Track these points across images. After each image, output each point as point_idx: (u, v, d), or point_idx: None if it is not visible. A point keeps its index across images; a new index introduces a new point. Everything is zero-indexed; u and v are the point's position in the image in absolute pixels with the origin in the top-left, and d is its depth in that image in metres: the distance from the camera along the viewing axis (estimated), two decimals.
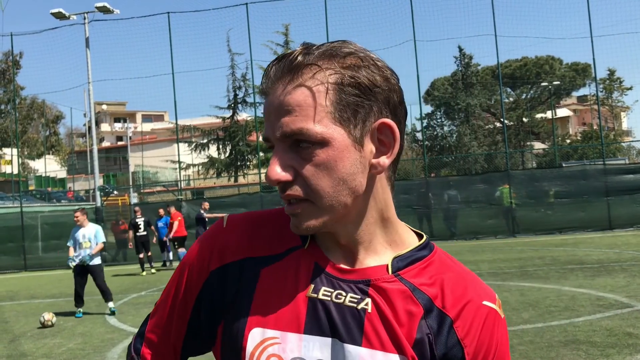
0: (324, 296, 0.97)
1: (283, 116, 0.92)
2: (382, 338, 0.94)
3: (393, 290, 0.97)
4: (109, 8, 22.10)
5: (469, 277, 1.03)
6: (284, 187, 0.94)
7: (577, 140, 47.93)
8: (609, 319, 6.89)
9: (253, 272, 1.01)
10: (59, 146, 53.04)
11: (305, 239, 1.02)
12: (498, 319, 1.01)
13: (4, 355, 7.43)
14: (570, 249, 14.84)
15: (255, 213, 1.10)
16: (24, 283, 16.65)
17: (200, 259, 1.05)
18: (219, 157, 38.68)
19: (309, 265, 1.00)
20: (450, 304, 0.98)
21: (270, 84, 0.95)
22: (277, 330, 0.96)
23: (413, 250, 1.02)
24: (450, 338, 0.97)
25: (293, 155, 0.93)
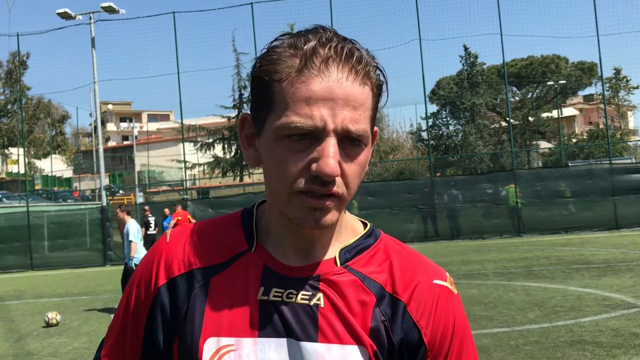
0: (275, 297, 0.97)
1: (348, 111, 0.89)
2: (337, 331, 0.94)
3: (343, 282, 0.97)
4: (114, 8, 22.15)
5: (416, 259, 1.02)
6: (328, 182, 0.90)
7: (584, 140, 47.77)
8: (615, 319, 6.86)
9: (202, 282, 1.00)
10: (65, 146, 53.22)
11: (252, 243, 1.02)
12: (451, 295, 1.01)
13: (11, 354, 7.47)
14: (576, 249, 14.78)
15: (196, 224, 1.08)
16: (30, 282, 16.72)
17: (147, 276, 1.03)
18: (224, 157, 38.73)
19: (257, 268, 0.99)
20: (401, 288, 0.98)
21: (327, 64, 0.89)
22: (232, 337, 0.96)
23: (359, 240, 1.02)
24: (406, 322, 0.97)
25: (340, 150, 0.90)
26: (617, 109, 50.16)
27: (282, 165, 0.91)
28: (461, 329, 1.01)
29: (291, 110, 0.89)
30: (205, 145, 38.96)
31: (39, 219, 22.31)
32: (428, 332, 0.97)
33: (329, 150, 0.88)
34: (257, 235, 1.03)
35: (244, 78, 38.43)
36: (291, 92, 0.89)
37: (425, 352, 0.97)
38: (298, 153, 0.89)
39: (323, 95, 0.88)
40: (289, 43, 0.92)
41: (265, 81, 0.92)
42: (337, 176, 0.89)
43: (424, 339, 0.97)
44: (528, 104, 46.74)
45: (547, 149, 43.39)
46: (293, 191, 0.90)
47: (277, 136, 0.91)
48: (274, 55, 0.92)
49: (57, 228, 22.07)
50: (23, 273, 20.22)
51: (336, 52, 0.89)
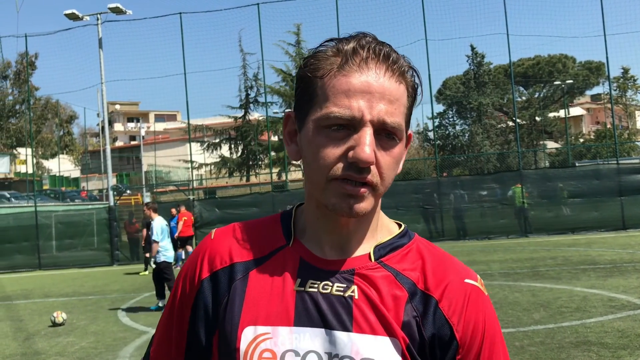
0: (311, 288, 1.01)
1: (385, 104, 0.95)
2: (371, 322, 0.98)
3: (377, 276, 1.02)
4: (121, 9, 22.24)
5: (448, 259, 1.07)
6: (364, 169, 0.95)
7: (591, 140, 47.55)
8: (620, 320, 6.85)
9: (242, 275, 1.06)
10: (72, 146, 53.45)
11: (289, 238, 1.07)
12: (482, 295, 1.05)
13: (19, 353, 7.53)
14: (582, 249, 14.74)
15: (239, 223, 1.14)
16: (38, 282, 16.82)
17: (192, 272, 1.10)
18: (231, 157, 38.80)
19: (294, 261, 1.05)
20: (433, 286, 1.02)
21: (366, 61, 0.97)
22: (268, 326, 1.00)
23: (393, 239, 1.07)
24: (438, 318, 1.00)
25: (375, 142, 0.96)
26: (625, 109, 49.92)
27: (320, 153, 0.97)
28: (492, 328, 1.04)
29: (331, 102, 0.96)
30: (212, 145, 39.03)
31: (46, 219, 22.42)
32: (460, 328, 1.01)
33: (365, 139, 0.94)
34: (295, 231, 1.09)
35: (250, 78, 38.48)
36: (331, 85, 0.97)
37: (457, 347, 1.01)
38: (337, 141, 0.96)
39: (361, 89, 0.95)
40: (332, 46, 1.01)
41: (309, 79, 1.00)
42: (372, 164, 0.95)
43: (455, 335, 1.00)
44: (535, 103, 46.58)
45: (554, 149, 43.22)
46: (330, 178, 0.96)
47: (317, 127, 0.98)
48: (319, 56, 1.00)
49: (64, 228, 22.17)
50: (31, 272, 20.33)
51: (374, 53, 0.97)
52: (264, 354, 0.99)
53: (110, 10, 22.35)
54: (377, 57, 0.97)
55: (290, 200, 21.05)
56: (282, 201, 20.77)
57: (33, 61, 42.33)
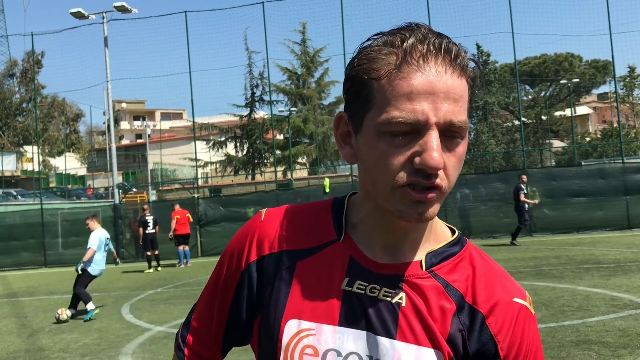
0: (359, 289, 0.99)
1: (450, 103, 0.90)
2: (416, 332, 0.96)
3: (427, 286, 0.99)
4: (127, 7, 22.32)
5: (499, 274, 1.04)
6: (432, 175, 0.91)
7: (597, 139, 47.37)
8: (622, 319, 6.83)
9: (289, 264, 1.04)
10: (79, 144, 53.69)
11: (341, 233, 1.04)
12: (529, 315, 1.02)
13: (23, 349, 7.59)
14: (587, 248, 14.70)
15: (292, 207, 1.11)
16: (44, 279, 16.92)
17: (239, 250, 1.08)
18: (236, 155, 38.91)
19: (344, 258, 1.02)
20: (481, 301, 1.00)
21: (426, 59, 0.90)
22: (313, 322, 0.98)
23: (446, 246, 1.04)
24: (483, 334, 0.98)
25: (441, 144, 0.91)
26: (632, 108, 49.70)
27: (384, 160, 0.91)
28: (535, 348, 1.03)
29: (392, 105, 0.90)
30: (218, 144, 39.13)
31: (52, 217, 22.53)
32: (505, 346, 0.99)
33: (432, 143, 0.88)
34: (346, 226, 1.05)
35: (255, 77, 38.53)
36: (391, 88, 0.90)
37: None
38: (400, 147, 0.90)
39: (424, 90, 0.89)
40: (383, 41, 0.94)
41: (363, 79, 0.93)
42: (441, 169, 0.90)
43: (500, 353, 0.98)
44: (541, 102, 46.45)
45: (560, 148, 43.10)
46: (396, 185, 0.91)
47: (378, 132, 0.92)
48: (371, 54, 0.93)
49: (70, 225, 22.27)
50: (37, 270, 20.46)
51: (434, 47, 0.90)
52: (306, 349, 0.98)
53: (115, 8, 22.44)
54: (437, 52, 0.90)
55: (294, 199, 21.09)
56: (286, 200, 20.81)
57: (39, 60, 42.55)
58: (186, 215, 17.70)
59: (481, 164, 38.57)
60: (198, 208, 20.55)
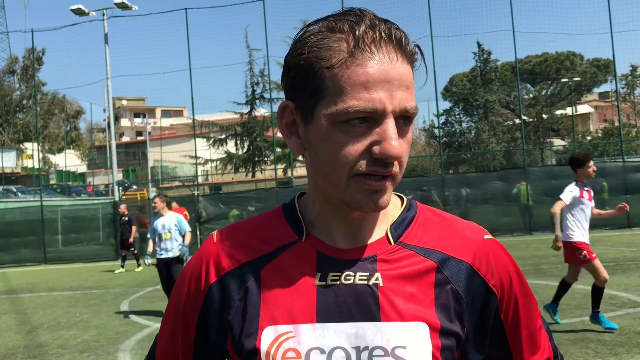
0: (333, 281, 0.97)
1: (403, 90, 0.90)
2: (399, 309, 0.95)
3: (400, 258, 0.98)
4: (127, 4, 22.30)
5: (457, 220, 1.07)
6: (390, 164, 0.91)
7: (598, 137, 47.34)
8: (620, 318, 6.84)
9: (253, 275, 1.01)
10: (79, 141, 53.71)
11: (301, 232, 1.02)
12: (500, 245, 1.06)
13: (22, 345, 7.59)
14: None
15: (240, 222, 1.10)
16: (44, 276, 16.93)
17: (197, 275, 1.05)
18: (236, 153, 38.87)
19: (310, 255, 1.00)
20: (459, 251, 1.00)
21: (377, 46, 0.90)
22: (290, 324, 0.96)
23: (402, 214, 1.04)
24: (473, 281, 0.99)
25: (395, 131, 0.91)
26: (633, 107, 49.64)
27: (341, 150, 0.90)
28: (516, 270, 1.05)
29: (349, 95, 0.88)
30: (218, 141, 39.11)
31: (52, 214, 22.55)
32: (497, 283, 1.01)
33: (390, 132, 0.88)
34: (305, 224, 1.03)
35: (256, 74, 38.49)
36: (346, 76, 0.89)
37: (496, 301, 1.01)
38: (358, 137, 0.90)
39: (380, 78, 0.88)
40: (328, 27, 0.92)
41: (312, 68, 0.91)
42: (401, 157, 0.91)
43: (493, 289, 1.00)
44: (542, 101, 46.41)
45: (560, 146, 43.07)
46: (352, 174, 0.91)
47: (334, 122, 0.91)
48: (320, 42, 0.91)
49: (70, 222, 22.30)
50: (37, 267, 20.47)
51: (385, 34, 0.90)
52: (288, 353, 0.94)
53: (116, 5, 22.43)
54: (388, 39, 0.90)
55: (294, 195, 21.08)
56: (286, 197, 20.80)
57: (40, 56, 42.54)
58: (184, 213, 17.65)
59: (482, 163, 38.56)
60: (198, 205, 20.54)
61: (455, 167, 37.63)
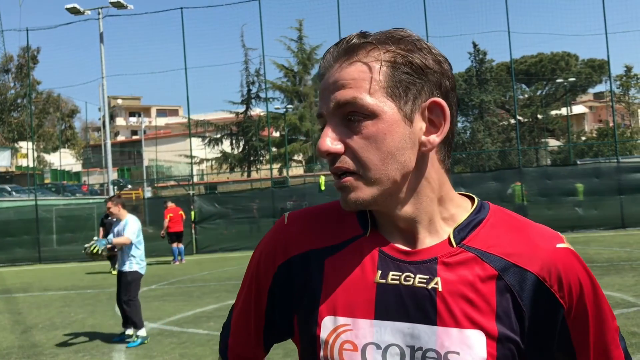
0: (393, 280, 0.98)
1: (337, 90, 0.95)
2: (456, 315, 0.95)
3: (461, 261, 0.98)
4: (122, 3, 22.27)
5: (531, 226, 1.02)
6: (333, 160, 0.96)
7: (593, 138, 47.49)
8: None
9: (317, 263, 1.04)
10: (74, 140, 53.53)
11: (366, 227, 1.04)
12: (575, 256, 1.00)
13: (16, 345, 7.57)
14: (580, 247, 14.74)
15: (313, 207, 1.13)
16: (38, 275, 16.89)
17: (267, 255, 1.10)
18: (232, 152, 38.85)
19: (373, 251, 1.02)
20: (526, 259, 0.98)
21: (327, 66, 0.99)
22: (349, 318, 0.99)
23: (470, 216, 1.02)
24: (538, 292, 0.97)
25: (343, 129, 0.95)
26: (628, 107, 49.80)
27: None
28: (590, 281, 1.01)
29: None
30: (214, 141, 39.05)
31: (47, 213, 22.49)
32: (565, 295, 0.97)
33: (324, 131, 0.97)
34: (371, 220, 1.05)
35: (252, 74, 38.45)
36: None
37: (563, 311, 0.98)
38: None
39: (321, 88, 0.99)
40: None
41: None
42: (326, 151, 0.95)
43: (560, 302, 0.97)
44: (537, 101, 46.52)
45: (555, 146, 43.19)
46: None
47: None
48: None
49: (65, 222, 22.24)
50: (31, 266, 20.40)
51: (337, 45, 0.99)
52: (345, 345, 0.98)
53: (111, 4, 22.41)
54: (338, 52, 0.98)
55: (289, 195, 21.08)
56: (281, 197, 20.81)
57: (35, 55, 42.40)
58: (179, 213, 17.61)
59: (477, 163, 38.64)
60: (193, 205, 20.52)
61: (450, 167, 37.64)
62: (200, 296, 10.64)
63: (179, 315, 8.94)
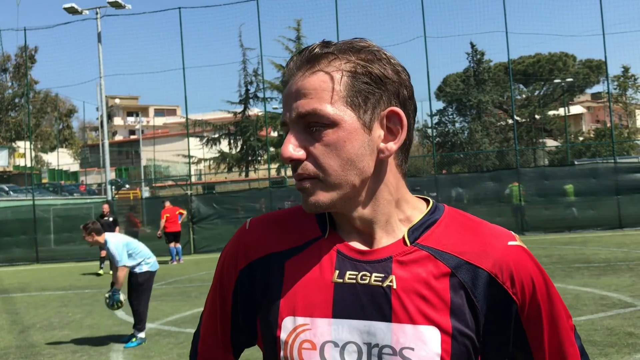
0: (350, 279, 1.02)
1: (299, 99, 0.98)
2: (410, 312, 0.98)
3: (415, 260, 1.01)
4: (120, 3, 22.24)
5: (483, 224, 1.06)
6: (296, 166, 0.99)
7: (591, 138, 47.56)
8: (610, 318, 6.89)
9: (278, 265, 1.08)
10: (71, 140, 53.37)
11: (325, 229, 1.08)
12: (527, 253, 1.04)
13: (13, 345, 7.57)
14: (578, 248, 14.78)
15: (273, 212, 1.17)
16: (36, 275, 16.86)
17: (229, 260, 1.13)
18: (230, 152, 38.80)
19: (331, 252, 1.05)
20: (478, 256, 1.01)
21: (290, 74, 1.02)
22: (307, 317, 1.02)
23: (425, 217, 1.06)
24: (491, 288, 1.00)
25: (306, 136, 0.99)
26: (625, 108, 49.88)
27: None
28: (543, 278, 1.04)
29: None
30: (211, 141, 39.01)
31: (45, 212, 22.45)
32: (517, 290, 1.00)
33: (287, 138, 1.00)
34: (330, 222, 1.09)
35: (250, 73, 38.43)
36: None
37: (517, 308, 1.01)
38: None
39: (285, 97, 1.02)
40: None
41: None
42: (289, 157, 0.99)
43: (513, 297, 1.00)
44: (535, 101, 46.57)
45: (553, 147, 43.23)
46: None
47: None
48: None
49: (62, 221, 22.20)
50: (29, 266, 20.37)
51: (299, 54, 1.02)
52: (304, 344, 1.00)
53: (109, 4, 22.36)
54: (301, 61, 1.01)
55: (287, 196, 21.08)
56: (279, 197, 20.81)
57: (33, 55, 42.32)
58: (176, 213, 17.56)
59: (474, 163, 38.67)
60: (191, 205, 20.51)
61: (448, 167, 37.74)
62: (198, 296, 10.64)
63: (177, 315, 8.95)
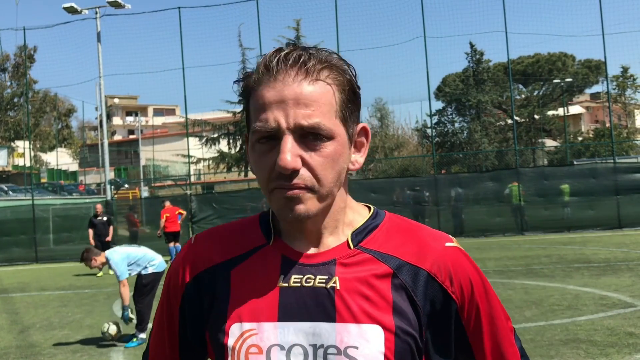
0: (295, 283, 1.04)
1: (300, 109, 0.97)
2: (353, 311, 1.00)
3: (357, 262, 1.04)
4: (120, 3, 22.23)
5: (422, 228, 1.11)
6: (292, 175, 0.98)
7: (590, 138, 47.57)
8: (611, 318, 6.90)
9: (223, 275, 1.09)
10: (71, 139, 53.33)
11: (269, 236, 1.10)
12: (463, 253, 1.09)
13: (13, 345, 7.57)
14: (577, 248, 14.79)
15: (219, 226, 1.18)
16: (35, 275, 16.86)
17: (175, 275, 1.14)
18: (229, 152, 38.76)
19: (276, 258, 1.07)
20: (418, 257, 1.05)
21: (276, 72, 0.99)
22: (254, 322, 1.03)
23: (367, 222, 1.09)
24: (431, 288, 1.03)
25: (302, 146, 0.98)
26: (624, 108, 49.90)
27: (258, 168, 1.01)
28: (480, 279, 1.08)
29: (255, 117, 1.00)
30: (211, 140, 38.98)
31: (44, 212, 22.44)
32: (456, 290, 1.04)
33: (284, 147, 0.96)
34: (274, 230, 1.11)
35: None
36: (253, 102, 1.01)
37: (456, 307, 1.04)
38: (266, 154, 1.00)
39: (275, 99, 0.98)
40: (257, 61, 1.04)
41: (242, 97, 1.06)
42: (293, 168, 0.96)
43: (452, 296, 1.04)
44: (534, 101, 46.57)
45: (552, 147, 43.24)
46: (271, 189, 1.00)
47: (252, 143, 1.02)
48: (246, 74, 1.05)
49: (62, 221, 22.20)
50: (28, 266, 20.36)
51: (285, 60, 0.99)
52: (251, 349, 1.02)
53: (108, 4, 22.36)
54: (286, 64, 0.99)
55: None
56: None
57: (32, 54, 42.27)
58: (176, 213, 17.54)
59: (474, 163, 38.67)
60: (190, 205, 20.50)
61: (447, 167, 37.70)
62: None
63: None
